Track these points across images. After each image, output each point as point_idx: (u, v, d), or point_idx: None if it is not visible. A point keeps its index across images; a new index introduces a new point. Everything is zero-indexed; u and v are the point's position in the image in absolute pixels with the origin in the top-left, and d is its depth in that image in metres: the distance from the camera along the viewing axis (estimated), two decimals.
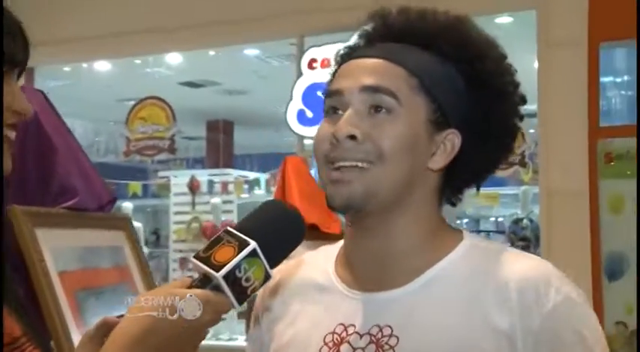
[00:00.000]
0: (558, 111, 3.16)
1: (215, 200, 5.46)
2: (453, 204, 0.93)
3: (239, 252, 0.75)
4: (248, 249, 0.75)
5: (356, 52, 0.90)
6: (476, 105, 0.87)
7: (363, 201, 0.83)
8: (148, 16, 4.13)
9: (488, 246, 0.89)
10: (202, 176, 5.76)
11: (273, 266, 0.78)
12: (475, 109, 0.87)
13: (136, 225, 2.68)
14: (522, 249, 0.99)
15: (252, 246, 0.76)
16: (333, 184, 0.84)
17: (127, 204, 5.62)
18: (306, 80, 3.85)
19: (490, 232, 6.99)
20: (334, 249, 0.95)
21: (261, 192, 5.45)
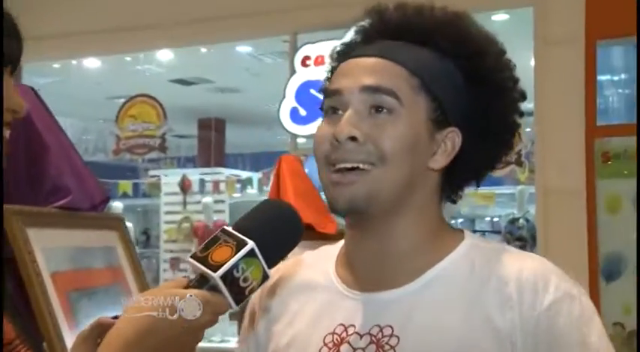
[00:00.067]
0: (555, 109, 3.14)
1: (207, 199, 5.44)
2: (454, 201, 0.93)
3: (237, 252, 0.74)
4: (246, 249, 0.75)
5: (354, 51, 0.89)
6: (475, 102, 0.87)
7: (365, 203, 0.83)
8: (139, 12, 4.10)
9: (488, 246, 0.88)
10: (194, 175, 5.74)
11: (271, 267, 0.78)
12: (474, 106, 0.87)
13: None
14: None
15: (250, 245, 0.75)
16: (335, 186, 0.83)
17: (117, 204, 5.58)
18: (300, 78, 3.83)
19: (486, 232, 7.03)
20: (334, 248, 0.94)
21: (253, 192, 5.44)
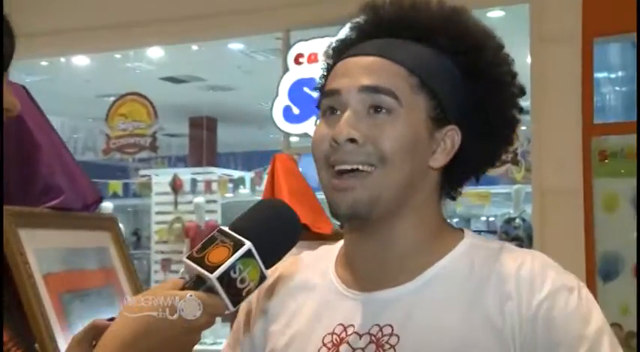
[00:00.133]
0: (551, 107, 3.10)
1: (198, 199, 5.41)
2: (453, 198, 0.93)
3: (234, 253, 0.74)
4: (243, 250, 0.74)
5: (351, 49, 0.88)
6: (474, 98, 0.86)
7: (367, 209, 0.82)
8: (129, 8, 4.06)
9: (488, 245, 0.88)
10: (185, 175, 5.71)
11: (269, 267, 0.77)
12: (473, 102, 0.86)
13: None
14: None
15: (248, 246, 0.74)
16: (337, 192, 0.83)
17: (107, 204, 5.53)
18: (293, 75, 3.80)
19: (481, 232, 7.05)
20: (334, 248, 0.94)
21: (245, 191, 5.40)
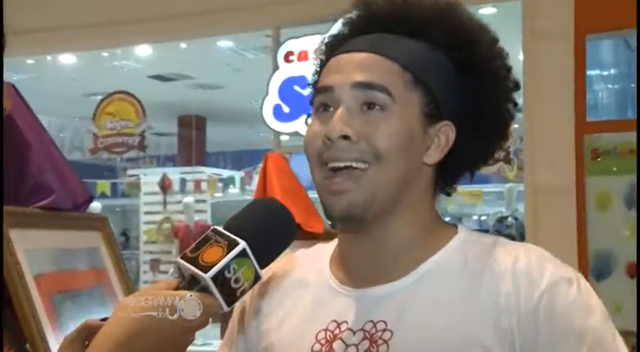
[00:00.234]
0: (544, 105, 3.09)
1: (187, 199, 5.36)
2: (448, 194, 0.92)
3: (228, 252, 0.73)
4: (237, 249, 0.74)
5: (344, 45, 0.88)
6: (468, 93, 0.86)
7: (362, 210, 0.82)
8: (116, 6, 4.02)
9: (482, 239, 0.87)
10: (174, 174, 5.66)
11: (263, 267, 0.77)
12: (467, 97, 0.86)
13: None
14: None
15: (242, 245, 0.74)
16: (332, 195, 0.82)
17: (95, 204, 5.46)
18: (283, 73, 3.78)
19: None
20: (329, 247, 0.94)
21: (235, 191, 5.36)
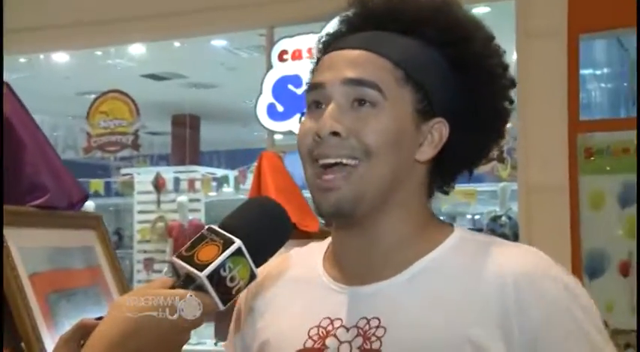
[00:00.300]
0: (537, 104, 3.09)
1: (181, 198, 5.35)
2: (446, 192, 0.92)
3: (223, 251, 0.73)
4: (233, 248, 0.74)
5: (337, 42, 0.88)
6: (463, 90, 0.85)
7: (351, 207, 0.82)
8: (110, 4, 4.00)
9: (478, 238, 0.87)
10: (168, 173, 5.64)
11: (259, 265, 0.77)
12: (463, 94, 0.85)
13: None
14: None
15: (237, 244, 0.74)
16: (321, 191, 0.83)
17: (89, 203, 5.43)
18: (277, 72, 3.77)
19: None
20: (323, 244, 0.94)
21: (229, 190, 5.35)
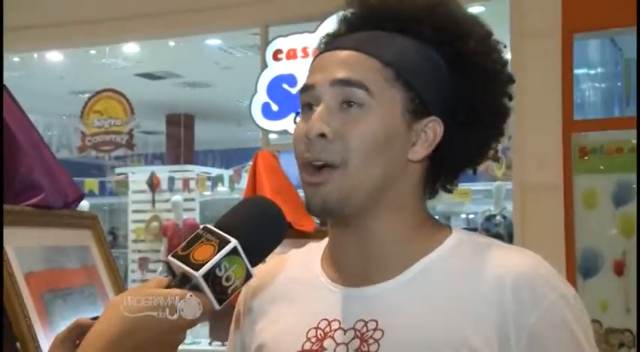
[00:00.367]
0: (532, 104, 3.10)
1: (176, 197, 5.33)
2: (450, 191, 0.92)
3: (219, 250, 0.73)
4: (228, 247, 0.74)
5: (333, 42, 0.88)
6: (461, 89, 0.85)
7: (339, 205, 0.82)
8: (104, 3, 3.99)
9: (477, 240, 0.87)
10: (162, 172, 5.63)
11: (255, 265, 0.77)
12: (460, 92, 0.85)
13: None
14: None
15: (233, 243, 0.74)
16: (309, 187, 0.83)
17: (83, 203, 5.41)
18: (271, 72, 3.77)
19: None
20: (321, 245, 0.93)
21: (224, 189, 5.34)
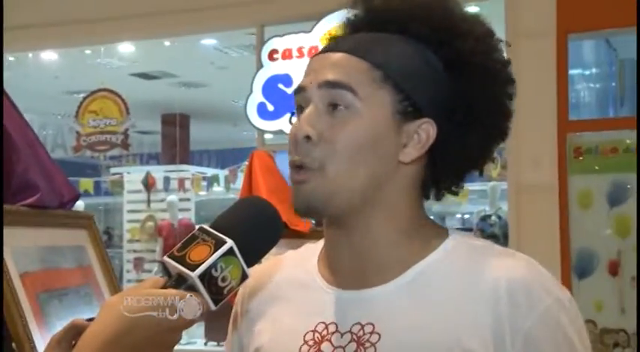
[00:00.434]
0: (527, 104, 3.10)
1: (171, 197, 5.32)
2: (455, 193, 0.91)
3: (215, 251, 0.74)
4: (224, 248, 0.74)
5: (329, 45, 0.88)
6: (459, 89, 0.84)
7: (322, 205, 0.82)
8: (99, 3, 3.98)
9: (474, 243, 0.86)
10: (158, 172, 5.62)
11: (251, 266, 0.77)
12: (458, 93, 0.84)
13: None
14: None
15: (229, 244, 0.74)
16: (293, 186, 0.83)
17: (78, 203, 5.40)
18: (267, 72, 3.76)
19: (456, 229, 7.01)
20: (318, 246, 0.93)
21: (219, 189, 5.33)
